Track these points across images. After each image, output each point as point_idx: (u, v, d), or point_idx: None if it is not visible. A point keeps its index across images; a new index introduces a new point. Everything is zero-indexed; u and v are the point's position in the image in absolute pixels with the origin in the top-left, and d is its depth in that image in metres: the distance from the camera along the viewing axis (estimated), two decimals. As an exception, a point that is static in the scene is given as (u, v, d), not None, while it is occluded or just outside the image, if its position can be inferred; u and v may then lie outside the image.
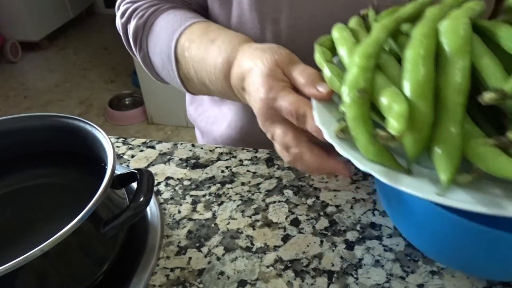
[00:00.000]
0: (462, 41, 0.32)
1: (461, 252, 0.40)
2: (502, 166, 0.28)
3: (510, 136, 0.28)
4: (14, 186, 0.49)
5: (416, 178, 0.31)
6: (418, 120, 0.30)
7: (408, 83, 0.31)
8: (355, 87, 0.33)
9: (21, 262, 0.32)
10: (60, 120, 0.48)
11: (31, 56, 3.00)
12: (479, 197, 0.29)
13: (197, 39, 0.52)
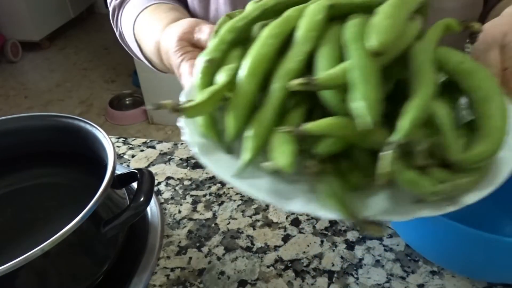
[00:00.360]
0: (309, 27, 0.32)
1: (459, 256, 0.40)
2: (279, 153, 0.29)
3: (305, 128, 0.28)
4: (15, 186, 0.49)
5: (228, 157, 0.31)
6: (240, 96, 0.31)
7: (246, 59, 0.32)
8: (206, 56, 0.34)
9: (21, 262, 0.32)
10: (61, 120, 0.48)
11: (32, 56, 3.00)
12: (276, 187, 0.30)
13: (141, 31, 0.57)
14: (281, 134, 0.29)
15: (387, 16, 0.29)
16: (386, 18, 0.29)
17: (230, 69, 0.32)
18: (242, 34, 0.35)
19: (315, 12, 0.32)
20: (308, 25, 0.32)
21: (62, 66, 2.88)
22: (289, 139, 0.29)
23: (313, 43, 0.31)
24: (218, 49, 0.34)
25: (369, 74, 0.28)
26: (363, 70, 0.28)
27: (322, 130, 0.28)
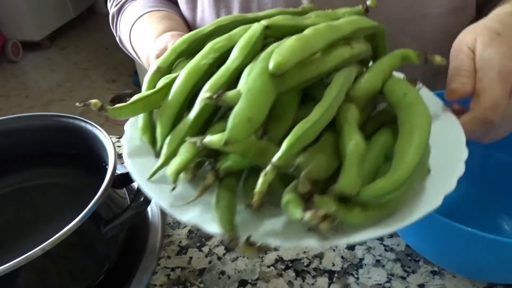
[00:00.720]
0: (241, 45, 0.33)
1: (459, 256, 0.40)
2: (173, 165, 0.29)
3: (205, 141, 0.28)
4: (16, 185, 0.49)
5: (154, 161, 0.32)
6: (168, 105, 0.32)
7: (182, 70, 0.33)
8: (156, 64, 0.36)
9: (22, 261, 0.33)
10: (61, 120, 0.48)
11: (33, 55, 3.00)
12: (182, 195, 0.30)
13: (135, 38, 0.60)
14: (186, 144, 0.30)
15: (298, 38, 0.29)
16: (295, 40, 0.29)
17: (168, 77, 0.34)
18: (194, 46, 0.36)
19: (252, 32, 0.33)
20: (241, 43, 0.33)
21: (62, 66, 2.88)
22: (191, 150, 0.29)
23: (242, 60, 0.32)
24: (167, 59, 0.36)
25: (255, 94, 0.27)
26: (251, 90, 0.27)
27: (219, 145, 0.27)
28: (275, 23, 0.33)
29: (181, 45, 0.36)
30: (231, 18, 0.37)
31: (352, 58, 0.33)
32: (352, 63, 0.34)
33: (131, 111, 0.33)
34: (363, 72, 0.35)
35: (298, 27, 0.33)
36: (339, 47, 0.32)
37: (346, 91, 0.31)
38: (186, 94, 0.32)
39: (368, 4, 0.38)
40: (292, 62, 0.28)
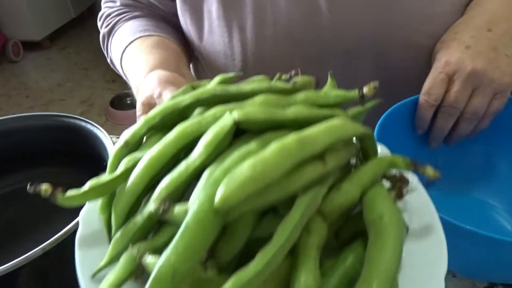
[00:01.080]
0: (207, 142, 0.29)
1: (458, 255, 0.40)
2: None
3: (144, 261, 0.25)
4: (16, 185, 0.49)
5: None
6: (125, 194, 0.30)
7: (145, 156, 0.30)
8: (126, 136, 0.33)
9: (22, 261, 0.33)
10: (62, 120, 0.48)
11: (33, 55, 3.00)
12: None
13: (128, 67, 0.57)
14: (127, 254, 0.27)
15: (254, 165, 0.24)
16: (250, 168, 0.24)
17: (131, 160, 0.31)
18: (167, 120, 0.33)
19: (221, 127, 0.29)
20: (207, 139, 0.28)
21: (63, 66, 2.88)
22: (129, 265, 0.26)
23: (205, 159, 0.28)
24: (137, 133, 0.33)
25: (193, 232, 0.23)
26: (189, 226, 0.24)
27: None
28: (249, 117, 0.29)
29: (154, 118, 0.33)
30: (211, 92, 0.33)
31: (325, 175, 0.28)
32: (324, 180, 0.29)
33: (85, 199, 0.30)
34: (340, 179, 0.30)
35: (274, 122, 0.30)
36: (308, 164, 0.27)
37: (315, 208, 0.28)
38: (144, 184, 0.29)
39: (364, 92, 0.34)
40: (242, 196, 0.23)
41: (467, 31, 0.48)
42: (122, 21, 0.63)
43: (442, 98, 0.47)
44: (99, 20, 0.67)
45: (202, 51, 0.61)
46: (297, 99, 0.33)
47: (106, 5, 0.66)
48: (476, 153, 0.53)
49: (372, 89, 0.34)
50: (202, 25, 0.59)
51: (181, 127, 0.31)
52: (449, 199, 0.53)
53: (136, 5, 0.64)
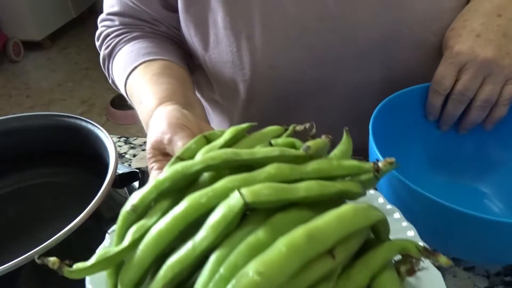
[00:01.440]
0: (215, 224, 0.29)
1: (444, 235, 0.41)
2: None
3: None
4: (17, 185, 0.49)
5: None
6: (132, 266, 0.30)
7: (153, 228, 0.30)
8: (132, 201, 0.32)
9: (23, 261, 0.33)
10: (62, 120, 0.48)
11: (34, 55, 3.00)
12: None
13: (133, 95, 0.55)
14: None
15: (260, 273, 0.24)
16: (257, 274, 0.24)
17: (139, 230, 0.31)
18: (176, 185, 0.33)
19: (229, 209, 0.28)
20: (214, 221, 0.28)
21: (63, 66, 2.88)
22: None
23: (212, 241, 0.28)
24: (146, 198, 0.32)
25: None
26: None
27: None
28: (258, 199, 0.29)
29: (163, 183, 0.32)
30: (222, 157, 0.33)
31: (334, 270, 0.27)
32: (332, 274, 0.28)
33: (92, 272, 0.30)
34: (348, 265, 0.30)
35: (284, 201, 0.30)
36: (317, 261, 0.26)
37: None
38: (152, 258, 0.29)
39: (379, 166, 0.34)
40: None
41: (477, 18, 0.48)
42: (123, 42, 0.61)
43: (453, 86, 0.48)
44: (97, 40, 0.65)
45: (208, 62, 0.60)
46: (309, 170, 0.33)
47: (104, 24, 0.64)
48: (470, 142, 0.54)
49: (388, 165, 0.34)
50: (208, 35, 0.57)
51: (190, 199, 0.30)
52: (446, 187, 0.54)
53: (136, 23, 0.62)
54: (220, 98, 0.67)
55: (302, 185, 0.30)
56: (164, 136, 0.42)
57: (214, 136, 0.39)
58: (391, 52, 0.55)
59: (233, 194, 0.29)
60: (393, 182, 0.41)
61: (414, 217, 0.42)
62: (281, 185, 0.30)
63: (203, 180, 0.34)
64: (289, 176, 0.32)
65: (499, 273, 0.44)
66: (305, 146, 0.35)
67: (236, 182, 0.30)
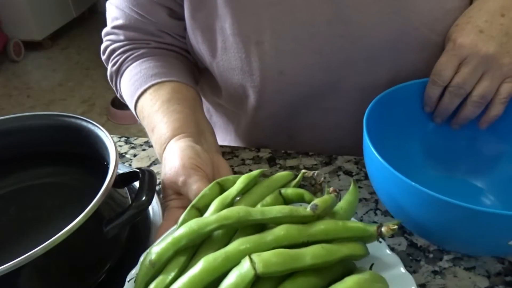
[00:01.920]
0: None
1: (436, 226, 0.41)
2: None
3: None
4: (17, 185, 0.49)
5: None
6: None
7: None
8: (150, 256, 0.36)
9: (24, 260, 0.33)
10: (63, 119, 0.48)
11: (34, 55, 3.01)
12: None
13: (144, 120, 0.56)
14: None
15: None
16: None
17: (158, 286, 0.34)
18: (192, 243, 0.36)
19: (241, 279, 0.31)
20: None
21: (64, 66, 2.89)
22: None
23: None
24: (164, 255, 0.35)
25: None
26: None
27: None
28: (269, 270, 0.32)
29: (179, 240, 0.36)
30: (236, 216, 0.36)
31: None
32: None
33: None
34: None
35: (292, 270, 0.33)
36: None
37: None
38: None
39: (382, 231, 0.36)
40: None
41: (481, 15, 0.49)
42: (130, 60, 0.61)
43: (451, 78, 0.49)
44: (103, 54, 0.65)
45: (215, 68, 0.59)
46: (316, 232, 0.36)
47: (109, 38, 0.64)
48: (464, 137, 0.55)
49: (390, 230, 0.36)
50: (215, 42, 0.57)
51: (205, 262, 0.33)
52: (440, 182, 0.55)
53: (141, 38, 0.61)
54: (227, 103, 0.67)
55: (309, 251, 0.34)
56: (178, 178, 0.44)
57: (227, 183, 0.43)
58: (399, 54, 0.55)
59: (245, 262, 0.32)
60: (388, 176, 0.41)
61: (409, 211, 0.42)
62: (289, 253, 0.33)
63: (217, 235, 0.37)
64: (297, 239, 0.35)
65: (500, 273, 0.44)
66: (313, 205, 0.37)
67: (247, 245, 0.34)
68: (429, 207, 0.39)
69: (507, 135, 0.52)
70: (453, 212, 0.37)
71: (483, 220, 0.36)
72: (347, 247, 0.36)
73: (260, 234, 0.35)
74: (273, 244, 0.34)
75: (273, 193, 0.41)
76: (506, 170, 0.53)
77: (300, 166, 0.59)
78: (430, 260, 0.46)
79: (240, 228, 0.37)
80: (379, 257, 0.39)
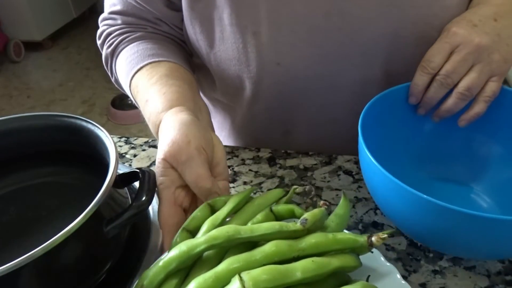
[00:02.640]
0: None
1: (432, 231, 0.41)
2: None
3: None
4: (17, 185, 0.49)
5: None
6: None
7: None
8: (142, 280, 0.36)
9: (24, 260, 0.33)
10: (63, 120, 0.48)
11: (34, 55, 3.01)
12: None
13: (138, 94, 0.56)
14: None
15: None
16: None
17: None
18: (183, 265, 0.37)
19: None
20: None
21: (64, 66, 2.89)
22: None
23: None
24: (155, 279, 0.36)
25: None
26: None
27: None
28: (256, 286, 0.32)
29: (170, 264, 0.36)
30: (225, 235, 0.36)
31: None
32: None
33: None
34: None
35: (282, 285, 0.33)
36: None
37: None
38: None
39: (372, 241, 0.37)
40: None
41: (475, 16, 0.50)
42: (126, 41, 0.61)
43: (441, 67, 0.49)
44: (99, 39, 0.65)
45: (212, 59, 0.60)
46: (306, 246, 0.36)
47: (105, 23, 0.64)
48: (458, 138, 0.55)
49: (381, 240, 0.36)
50: (213, 32, 0.57)
51: (196, 283, 0.34)
52: (434, 184, 0.55)
53: (138, 23, 0.62)
54: (223, 96, 0.67)
55: (299, 266, 0.34)
56: (181, 155, 0.43)
57: (218, 203, 0.43)
58: (395, 49, 0.55)
59: (235, 281, 0.32)
60: (381, 179, 0.41)
61: (401, 213, 0.42)
62: (279, 269, 0.33)
63: (208, 256, 0.38)
64: (288, 254, 0.35)
65: (500, 272, 0.44)
66: (303, 219, 0.37)
67: (236, 264, 0.34)
68: (424, 211, 0.39)
69: (501, 136, 0.52)
70: (449, 217, 0.37)
71: (481, 225, 0.36)
72: (338, 259, 0.36)
73: (250, 252, 0.35)
74: (263, 261, 0.34)
75: (264, 210, 0.41)
76: (501, 172, 0.53)
77: (300, 166, 0.59)
78: (430, 259, 0.46)
79: (231, 248, 0.38)
80: (375, 267, 0.39)
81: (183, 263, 0.36)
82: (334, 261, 0.35)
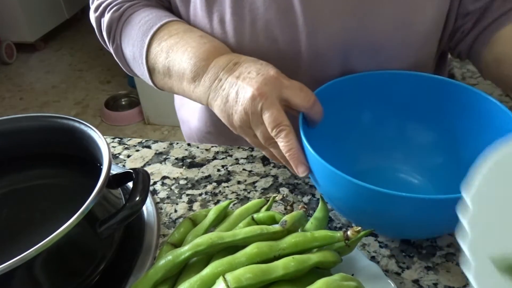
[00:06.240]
0: None
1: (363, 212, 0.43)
2: None
3: None
4: (10, 187, 0.49)
5: None
6: None
7: None
8: None
9: (17, 262, 0.33)
10: (56, 121, 0.48)
11: (27, 57, 2.98)
12: None
13: (182, 32, 0.55)
14: None
15: None
16: None
17: None
18: (169, 274, 0.39)
19: None
20: None
21: (57, 67, 2.87)
22: None
23: None
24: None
25: None
26: None
27: None
28: (240, 285, 0.34)
29: (156, 273, 0.38)
30: (208, 242, 0.38)
31: None
32: None
33: None
34: None
35: (265, 282, 0.35)
36: None
37: None
38: None
39: (348, 235, 0.38)
40: None
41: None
42: (135, 6, 0.60)
43: None
44: (95, 12, 0.62)
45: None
46: (286, 245, 0.38)
47: None
48: (390, 125, 0.57)
49: (356, 233, 0.38)
50: (189, 9, 0.59)
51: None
52: (376, 170, 0.57)
53: None
54: None
55: (280, 263, 0.36)
56: (281, 79, 0.46)
57: (199, 217, 0.46)
58: (350, 56, 0.56)
59: (219, 283, 0.34)
60: (324, 170, 0.42)
61: (343, 201, 0.44)
62: (261, 267, 0.35)
63: (193, 262, 0.40)
64: (268, 254, 0.37)
65: (492, 268, 0.45)
66: (282, 221, 0.40)
67: (221, 267, 0.36)
68: (356, 195, 0.40)
69: (434, 123, 0.55)
70: (379, 199, 0.38)
71: (408, 205, 0.38)
72: (317, 255, 0.37)
73: (233, 255, 0.37)
74: (246, 263, 0.36)
75: (245, 219, 0.43)
76: (437, 156, 0.55)
77: (293, 165, 0.59)
78: (423, 256, 0.46)
79: (216, 254, 0.39)
80: (360, 268, 0.41)
81: (169, 271, 0.38)
82: (314, 257, 0.37)
